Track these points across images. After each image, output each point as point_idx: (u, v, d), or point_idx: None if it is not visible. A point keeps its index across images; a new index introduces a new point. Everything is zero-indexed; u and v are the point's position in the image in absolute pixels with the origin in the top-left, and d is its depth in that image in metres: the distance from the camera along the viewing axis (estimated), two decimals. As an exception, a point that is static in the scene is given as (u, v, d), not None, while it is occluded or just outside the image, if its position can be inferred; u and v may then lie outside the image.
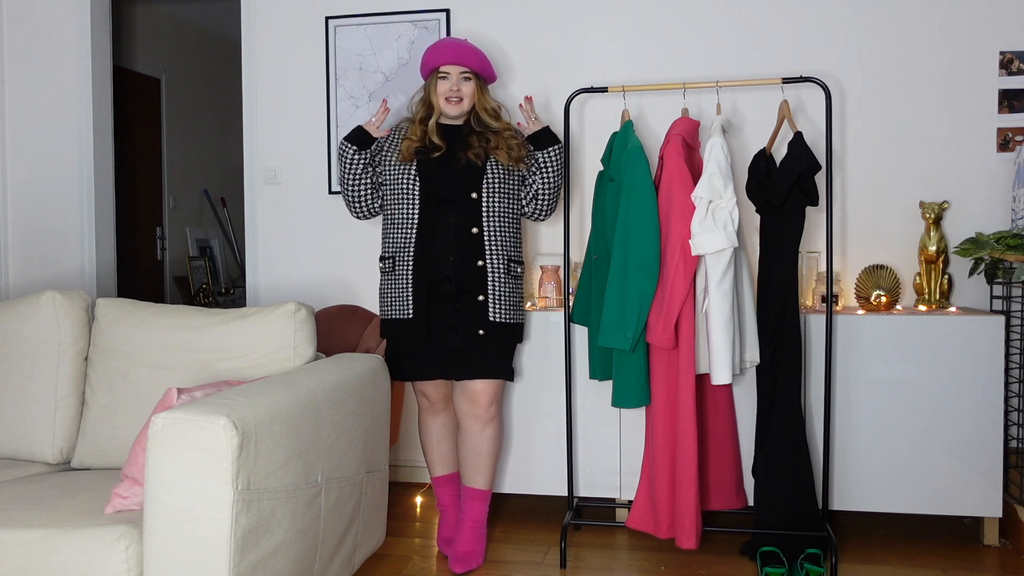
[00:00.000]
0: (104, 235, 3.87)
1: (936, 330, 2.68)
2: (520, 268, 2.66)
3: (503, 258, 2.59)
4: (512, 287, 2.62)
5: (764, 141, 2.98)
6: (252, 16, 3.61)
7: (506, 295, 2.59)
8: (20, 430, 2.49)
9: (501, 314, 2.58)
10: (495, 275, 2.57)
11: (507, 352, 2.64)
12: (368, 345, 3.06)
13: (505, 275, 2.59)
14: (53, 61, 3.79)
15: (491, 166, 2.59)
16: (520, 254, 2.67)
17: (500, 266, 2.58)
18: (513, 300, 2.62)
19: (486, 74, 2.67)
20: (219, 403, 1.76)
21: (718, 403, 2.74)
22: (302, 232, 3.59)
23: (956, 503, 2.69)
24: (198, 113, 5.86)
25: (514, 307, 2.62)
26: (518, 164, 2.64)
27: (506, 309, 2.59)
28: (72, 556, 1.76)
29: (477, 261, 2.56)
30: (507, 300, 2.60)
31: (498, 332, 2.58)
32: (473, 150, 2.59)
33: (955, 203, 3.05)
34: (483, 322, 2.56)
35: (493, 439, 2.63)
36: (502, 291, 2.58)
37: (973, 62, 3.04)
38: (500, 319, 2.58)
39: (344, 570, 2.28)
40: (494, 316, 2.57)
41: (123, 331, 2.48)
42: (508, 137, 2.63)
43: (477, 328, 2.55)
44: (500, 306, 2.58)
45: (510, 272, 2.61)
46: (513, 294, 2.62)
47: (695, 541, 2.48)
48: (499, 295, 2.58)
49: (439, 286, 2.55)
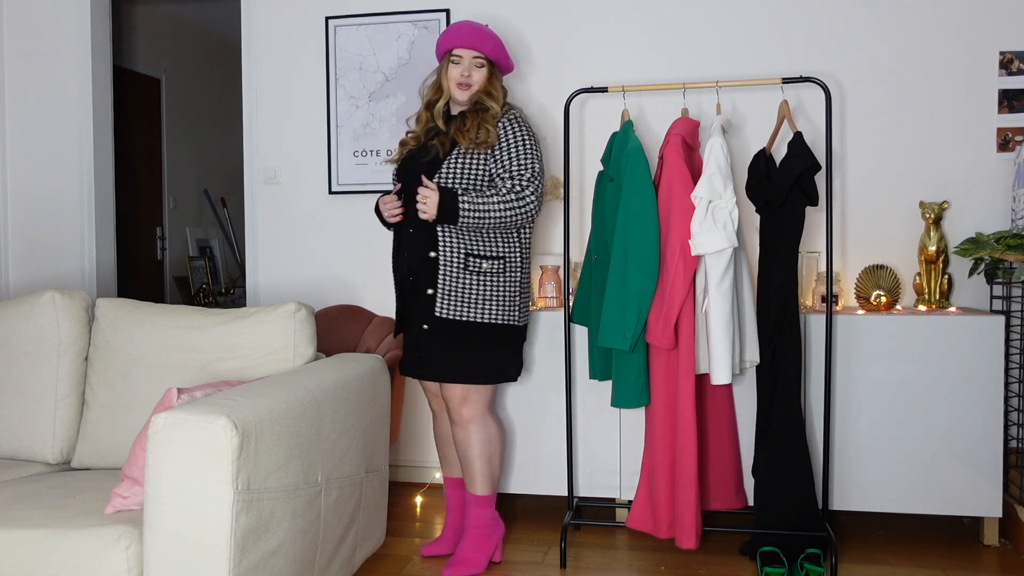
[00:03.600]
0: (104, 235, 3.87)
1: (936, 330, 2.68)
2: (485, 264, 2.45)
3: (458, 251, 2.43)
4: (471, 283, 2.44)
5: (764, 141, 2.98)
6: (252, 16, 3.61)
7: (460, 291, 2.43)
8: (20, 430, 2.49)
9: (450, 310, 2.43)
10: (447, 268, 2.43)
11: (477, 353, 2.47)
12: (368, 345, 3.06)
13: (460, 270, 2.43)
14: (53, 61, 3.80)
15: (453, 155, 2.47)
16: (489, 248, 2.46)
17: (454, 259, 2.43)
18: (471, 298, 2.44)
19: (501, 62, 2.57)
20: (219, 403, 1.76)
21: (718, 403, 2.74)
22: (302, 232, 3.59)
23: (956, 503, 2.69)
24: (198, 113, 5.86)
25: (472, 305, 2.44)
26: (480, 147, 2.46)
27: (458, 305, 2.43)
28: (72, 556, 1.76)
29: (429, 252, 2.45)
30: (461, 296, 2.43)
31: (452, 330, 2.44)
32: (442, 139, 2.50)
33: (955, 203, 3.05)
34: (429, 317, 2.45)
35: (476, 443, 2.52)
36: (453, 286, 2.43)
37: (973, 62, 3.04)
38: (448, 315, 2.43)
39: (344, 570, 2.28)
40: (441, 311, 2.43)
41: (123, 331, 2.48)
42: (485, 120, 2.47)
43: (423, 323, 2.46)
44: (449, 302, 2.43)
45: (468, 267, 2.44)
46: (469, 290, 2.44)
47: (695, 541, 2.48)
48: (449, 290, 2.42)
49: (403, 281, 2.54)
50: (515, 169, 2.45)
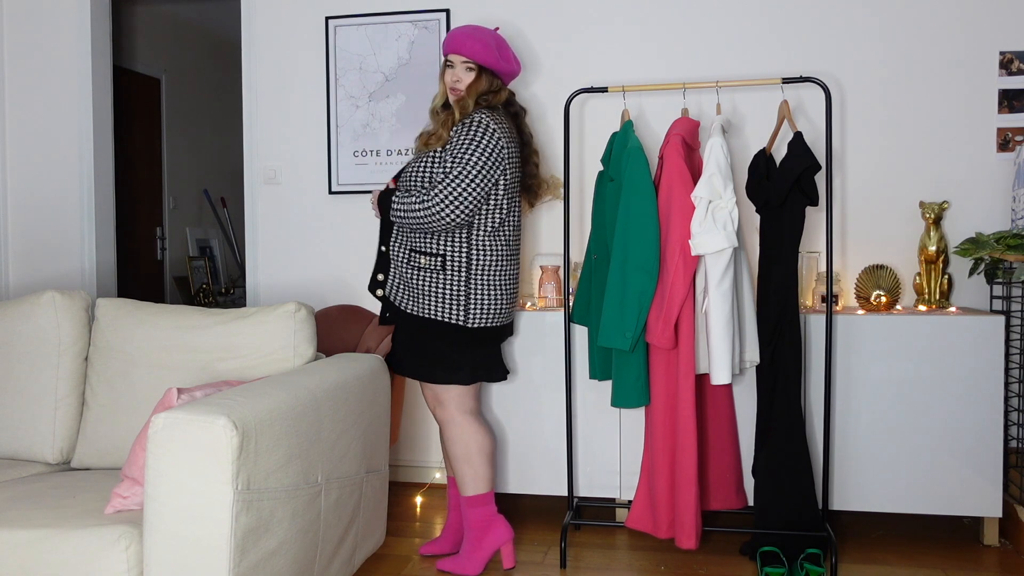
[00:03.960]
0: (104, 235, 3.87)
1: (936, 330, 2.68)
2: (426, 260, 2.45)
3: (404, 247, 2.51)
4: (412, 277, 2.48)
5: (764, 141, 2.98)
6: (252, 16, 3.61)
7: (405, 283, 2.50)
8: (20, 430, 2.49)
9: (396, 298, 2.52)
10: (395, 262, 2.53)
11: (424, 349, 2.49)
12: (368, 345, 3.06)
13: (405, 264, 2.50)
14: (53, 61, 3.80)
15: (418, 157, 2.54)
16: (429, 245, 2.46)
17: (400, 254, 2.52)
18: (412, 289, 2.48)
19: (493, 67, 2.53)
20: (219, 403, 1.76)
21: (718, 403, 2.74)
22: (302, 232, 3.59)
23: (956, 503, 2.69)
24: (198, 113, 5.86)
25: (414, 299, 2.48)
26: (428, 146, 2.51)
27: (404, 297, 2.50)
28: (72, 556, 1.76)
29: (382, 246, 2.57)
30: (406, 288, 2.49)
31: (400, 320, 2.53)
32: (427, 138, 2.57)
33: (955, 203, 3.05)
34: (387, 305, 2.55)
35: (453, 442, 2.53)
36: (401, 279, 2.51)
37: (973, 62, 3.04)
38: (395, 301, 2.53)
39: (344, 570, 2.28)
40: (391, 297, 2.54)
41: (123, 331, 2.48)
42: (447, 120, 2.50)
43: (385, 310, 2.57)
44: (396, 291, 2.53)
45: (411, 262, 2.48)
46: (412, 283, 2.48)
47: (695, 541, 2.48)
48: (398, 282, 2.52)
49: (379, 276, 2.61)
50: (439, 172, 2.45)
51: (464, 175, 2.38)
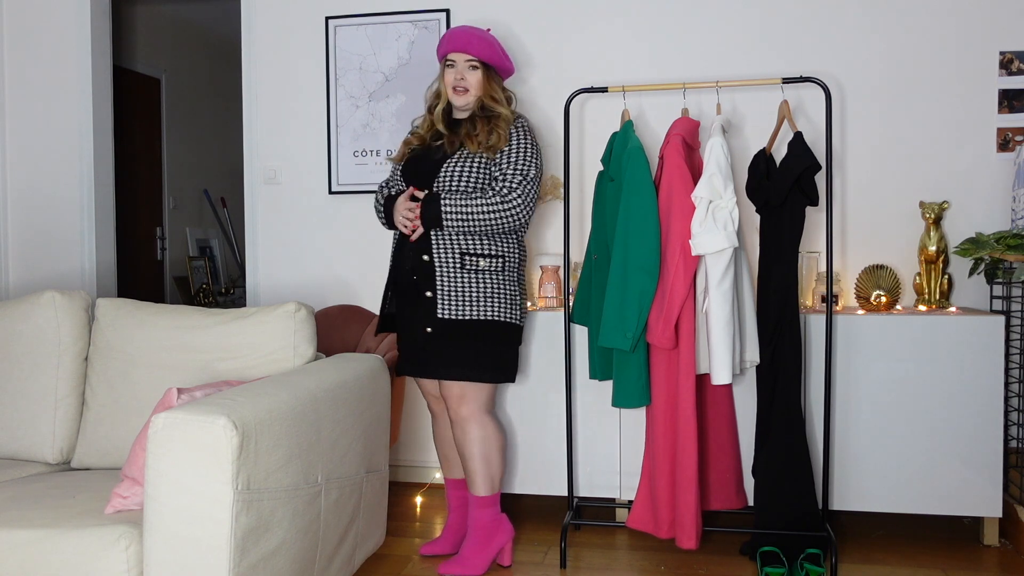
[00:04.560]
0: (104, 235, 3.87)
1: (936, 330, 2.68)
2: (483, 262, 2.48)
3: (454, 252, 2.47)
4: (469, 281, 2.47)
5: (764, 141, 2.98)
6: (252, 16, 3.61)
7: (459, 290, 2.46)
8: (20, 430, 2.49)
9: (452, 310, 2.46)
10: (443, 270, 2.46)
11: (477, 350, 2.49)
12: (368, 345, 3.06)
13: (457, 269, 2.47)
14: (53, 61, 3.80)
15: (454, 158, 2.51)
16: (488, 247, 2.50)
17: (450, 260, 2.46)
18: (471, 296, 2.47)
19: (496, 64, 2.59)
20: (219, 403, 1.76)
21: (718, 403, 2.74)
22: (302, 232, 3.59)
23: (956, 503, 2.69)
24: (198, 113, 5.86)
25: (472, 303, 2.47)
26: (491, 152, 2.50)
27: (459, 305, 2.46)
28: (72, 556, 1.76)
29: (423, 256, 2.50)
30: (461, 296, 2.46)
31: (453, 329, 2.47)
32: (451, 139, 2.55)
33: (955, 203, 3.05)
34: (431, 319, 2.47)
35: (474, 441, 2.52)
36: (452, 286, 2.46)
37: (973, 62, 3.04)
38: (451, 315, 2.46)
39: (344, 570, 2.28)
40: (442, 313, 2.46)
41: (123, 331, 2.48)
42: (497, 125, 2.52)
43: (426, 325, 2.49)
44: (450, 303, 2.46)
45: (465, 266, 2.47)
46: (470, 289, 2.47)
47: (695, 541, 2.48)
48: (449, 291, 2.46)
49: (403, 280, 2.55)
50: (509, 172, 2.48)
51: (535, 177, 2.53)
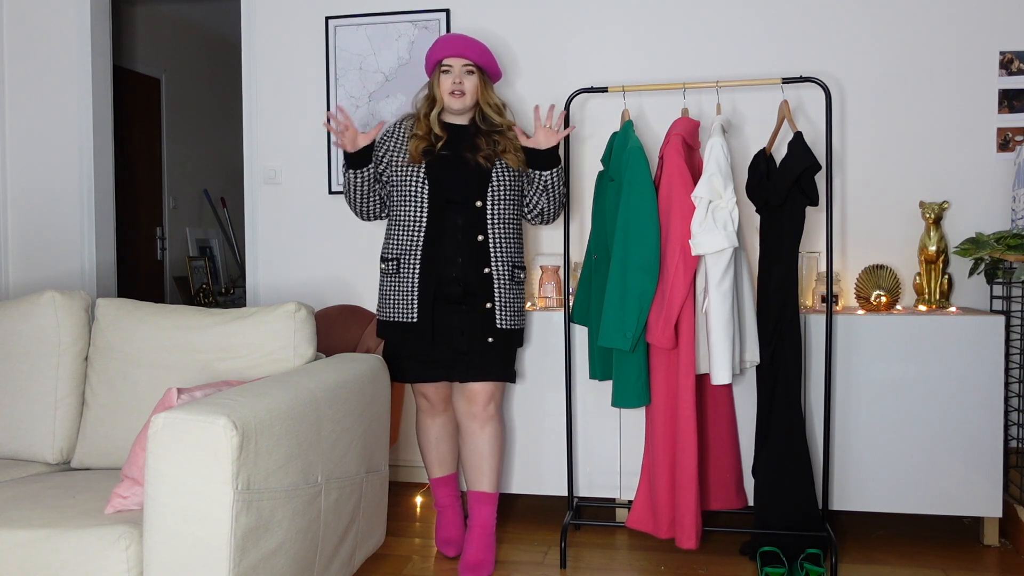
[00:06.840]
0: (104, 235, 3.87)
1: (936, 330, 2.68)
2: (523, 274, 2.63)
3: (507, 265, 2.57)
4: (516, 293, 2.61)
5: (764, 141, 2.98)
6: (252, 16, 3.61)
7: (511, 302, 2.58)
8: (20, 430, 2.49)
9: (507, 321, 2.57)
10: (500, 282, 2.56)
11: (509, 355, 2.63)
12: (368, 345, 3.07)
13: (510, 282, 2.58)
14: (53, 61, 3.80)
15: (497, 172, 2.56)
16: (522, 259, 2.65)
17: (505, 273, 2.56)
18: (517, 307, 2.61)
19: (490, 69, 2.63)
20: (219, 403, 1.76)
21: (718, 403, 2.74)
22: (302, 232, 3.59)
23: (956, 503, 2.69)
24: (198, 113, 5.86)
25: (518, 313, 2.61)
26: (525, 167, 2.61)
27: (511, 316, 2.58)
28: (72, 556, 1.76)
29: (483, 268, 2.54)
30: (512, 307, 2.58)
31: (508, 338, 2.59)
32: (482, 152, 2.55)
33: (955, 203, 3.05)
34: (491, 330, 2.55)
35: (493, 438, 2.60)
36: (507, 298, 2.57)
37: (973, 62, 3.04)
38: (506, 326, 2.57)
39: (344, 570, 2.28)
40: (501, 324, 2.56)
41: (123, 331, 2.48)
42: (512, 137, 2.60)
43: (486, 336, 2.54)
44: (506, 313, 2.57)
45: (514, 279, 2.59)
46: (517, 300, 2.61)
47: (695, 541, 2.48)
48: (504, 302, 2.56)
49: (446, 288, 2.53)
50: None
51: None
